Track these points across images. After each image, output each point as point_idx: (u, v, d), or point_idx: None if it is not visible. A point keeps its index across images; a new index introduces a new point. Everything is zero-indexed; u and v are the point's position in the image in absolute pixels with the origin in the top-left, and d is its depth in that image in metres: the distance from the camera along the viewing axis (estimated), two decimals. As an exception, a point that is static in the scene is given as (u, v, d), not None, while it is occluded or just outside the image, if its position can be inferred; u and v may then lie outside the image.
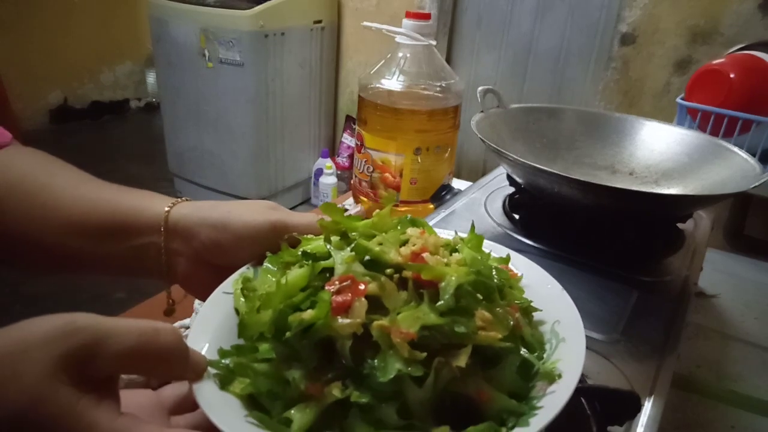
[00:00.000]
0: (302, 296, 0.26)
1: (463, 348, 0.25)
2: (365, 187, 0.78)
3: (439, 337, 0.25)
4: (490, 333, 0.25)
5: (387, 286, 0.26)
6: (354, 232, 0.30)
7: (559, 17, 1.84)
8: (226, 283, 0.31)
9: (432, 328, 0.24)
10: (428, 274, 0.26)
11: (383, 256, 0.27)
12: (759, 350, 0.61)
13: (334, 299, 0.25)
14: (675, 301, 0.50)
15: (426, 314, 0.25)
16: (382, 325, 0.24)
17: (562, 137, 0.71)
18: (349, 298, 0.25)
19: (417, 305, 0.25)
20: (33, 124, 2.90)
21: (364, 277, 0.26)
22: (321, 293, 0.25)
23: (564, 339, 0.28)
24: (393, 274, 0.27)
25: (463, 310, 0.25)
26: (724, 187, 0.57)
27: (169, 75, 2.11)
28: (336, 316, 0.24)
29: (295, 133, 2.19)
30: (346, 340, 0.24)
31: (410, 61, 0.73)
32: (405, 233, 0.30)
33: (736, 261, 0.80)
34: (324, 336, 0.25)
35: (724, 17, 1.48)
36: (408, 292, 0.26)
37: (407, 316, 0.24)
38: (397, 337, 0.24)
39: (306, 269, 0.28)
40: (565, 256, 0.55)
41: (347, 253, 0.27)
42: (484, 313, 0.26)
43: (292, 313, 0.25)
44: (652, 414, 0.36)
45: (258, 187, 2.12)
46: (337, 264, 0.27)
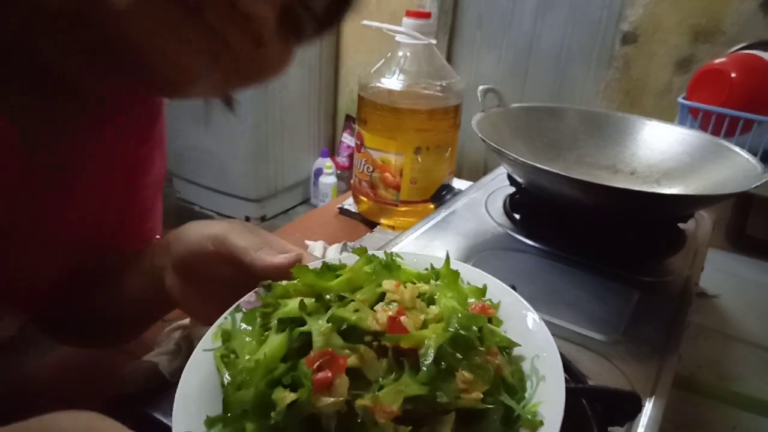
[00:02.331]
0: (283, 369, 0.26)
1: (446, 414, 0.25)
2: (365, 187, 0.78)
3: (422, 405, 0.25)
4: (472, 395, 0.26)
5: (367, 357, 0.26)
6: (328, 294, 0.30)
7: (560, 16, 1.84)
8: (205, 340, 0.30)
9: (415, 398, 0.25)
10: (407, 343, 0.26)
11: (361, 324, 0.27)
12: (760, 350, 0.61)
13: (315, 378, 0.25)
14: (676, 301, 0.50)
15: (408, 385, 0.25)
16: (365, 405, 0.24)
17: (563, 137, 0.71)
18: (330, 376, 0.25)
19: (398, 375, 0.26)
20: (33, 123, 2.89)
21: (343, 350, 0.26)
22: (301, 366, 0.25)
23: (544, 377, 0.28)
24: (372, 341, 0.27)
25: (444, 372, 0.26)
26: (726, 187, 0.57)
27: (170, 74, 2.11)
28: (318, 394, 0.24)
29: (295, 132, 2.19)
30: (330, 418, 0.25)
31: (410, 60, 0.73)
32: (380, 285, 0.30)
33: (737, 261, 0.80)
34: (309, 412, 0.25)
35: (726, 16, 1.47)
36: (388, 360, 0.26)
37: (389, 391, 0.25)
38: (381, 417, 0.24)
39: (283, 337, 0.28)
40: (565, 256, 0.55)
41: (324, 325, 0.27)
42: (464, 374, 0.26)
43: (273, 391, 0.25)
44: (653, 414, 0.36)
45: (258, 187, 2.12)
46: (315, 337, 0.26)
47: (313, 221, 0.82)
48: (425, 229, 0.59)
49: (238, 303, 0.32)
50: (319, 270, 0.32)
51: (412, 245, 0.55)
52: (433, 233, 0.58)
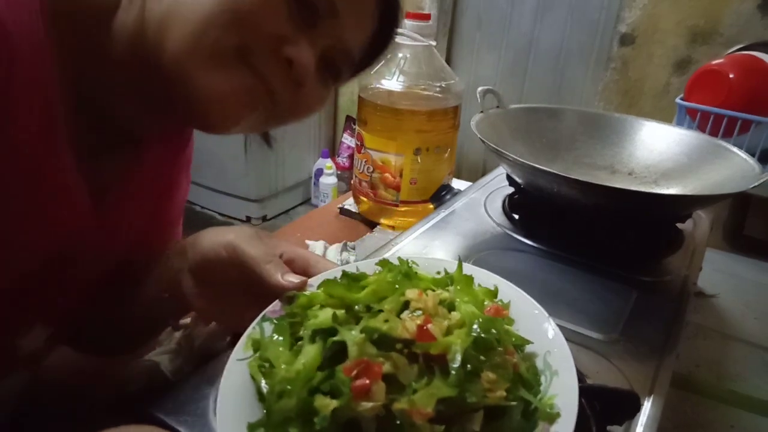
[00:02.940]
0: (320, 377, 0.28)
1: (475, 413, 0.27)
2: (365, 187, 0.78)
3: (453, 406, 0.27)
4: (497, 393, 0.28)
5: (399, 363, 0.28)
6: (357, 305, 0.32)
7: (558, 18, 1.84)
8: (237, 350, 0.32)
9: (446, 400, 0.27)
10: (436, 349, 0.28)
11: (392, 333, 0.29)
12: (758, 350, 0.61)
13: (354, 385, 0.27)
14: (674, 301, 0.50)
15: (439, 388, 0.27)
16: (403, 409, 0.26)
17: (561, 137, 0.71)
18: (368, 382, 0.27)
19: (429, 380, 0.28)
20: (33, 124, 2.89)
21: (377, 358, 0.28)
22: (339, 375, 0.27)
23: (557, 372, 0.30)
24: (402, 348, 0.29)
25: (470, 374, 0.28)
26: (724, 187, 0.57)
27: (170, 75, 2.11)
28: (358, 400, 0.26)
29: (296, 133, 2.19)
30: (370, 421, 0.27)
31: (410, 61, 0.73)
32: (404, 294, 0.32)
33: (735, 261, 0.80)
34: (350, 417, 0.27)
35: (724, 17, 1.48)
36: (419, 365, 0.28)
37: (423, 394, 0.27)
38: (418, 418, 0.26)
39: (318, 347, 0.30)
40: (564, 256, 0.55)
41: (358, 336, 0.29)
42: (489, 375, 0.28)
43: (314, 399, 0.27)
44: (651, 414, 0.36)
45: (259, 187, 2.12)
46: (350, 347, 0.28)
47: (314, 221, 0.82)
48: (425, 229, 0.59)
49: (264, 313, 0.34)
50: (345, 282, 0.34)
51: (412, 245, 0.55)
52: (432, 233, 0.58)
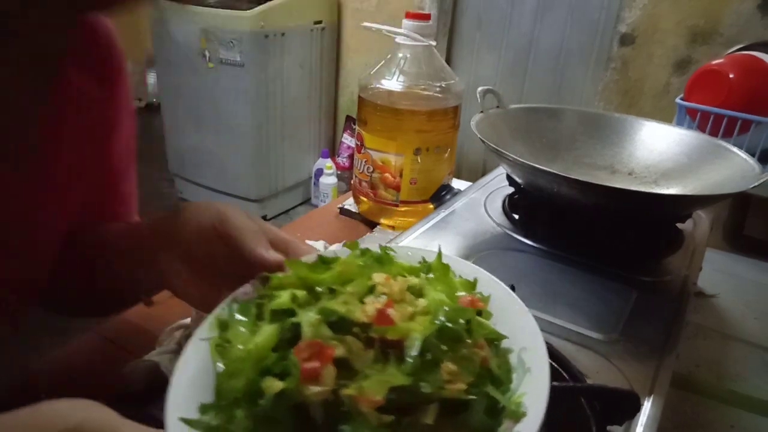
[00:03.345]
0: (273, 358, 0.27)
1: (430, 404, 0.26)
2: (365, 187, 0.78)
3: (407, 396, 0.26)
4: (456, 385, 0.26)
5: (354, 347, 0.27)
6: (319, 286, 0.31)
7: (558, 18, 1.84)
8: (202, 329, 0.31)
9: (399, 389, 0.25)
10: (393, 335, 0.27)
11: (350, 316, 0.28)
12: (759, 350, 0.61)
13: (303, 367, 0.25)
14: (674, 300, 0.50)
15: (393, 375, 0.26)
16: (351, 395, 0.25)
17: (561, 137, 0.71)
18: (317, 365, 0.25)
19: (384, 365, 0.26)
20: (33, 124, 2.90)
21: (331, 340, 0.27)
22: (291, 356, 0.26)
23: (530, 369, 0.29)
24: (360, 333, 0.28)
25: (429, 363, 0.26)
26: (724, 187, 0.57)
27: (170, 75, 2.11)
28: (306, 383, 0.25)
29: (296, 133, 2.19)
30: (318, 407, 0.25)
31: (410, 61, 0.73)
32: (370, 278, 0.31)
33: (735, 261, 0.80)
34: (297, 401, 0.26)
35: (724, 17, 1.48)
36: (375, 351, 0.27)
37: (374, 381, 0.25)
38: (365, 406, 0.25)
39: (274, 328, 0.28)
40: (564, 256, 0.55)
41: (313, 316, 0.28)
42: (450, 366, 0.27)
43: (263, 380, 0.26)
44: (651, 414, 0.36)
45: (258, 187, 2.13)
46: (304, 328, 0.27)
47: (314, 221, 0.82)
48: (425, 229, 0.59)
49: (234, 294, 0.33)
50: (313, 263, 0.33)
51: (412, 245, 0.55)
52: (432, 233, 0.58)
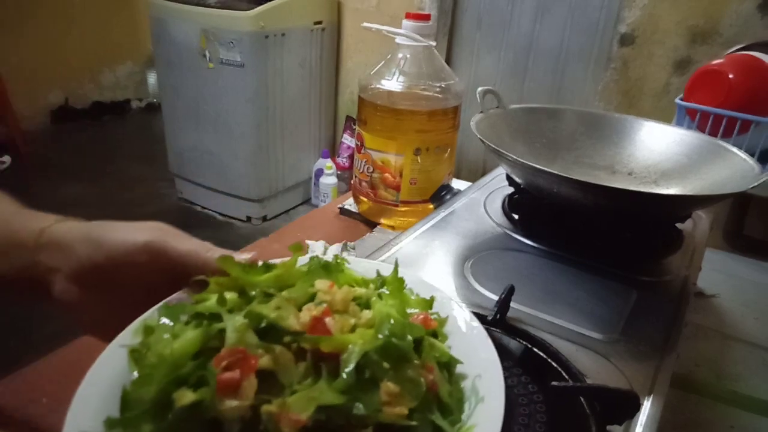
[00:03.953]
0: (190, 367, 0.23)
1: (363, 429, 0.23)
2: (365, 188, 0.78)
3: (337, 417, 0.22)
4: (395, 409, 0.23)
5: (282, 359, 0.24)
6: (254, 290, 0.27)
7: (558, 18, 1.84)
8: (124, 334, 0.27)
9: (329, 408, 0.22)
10: (327, 346, 0.24)
11: (280, 322, 0.24)
12: (758, 350, 0.61)
13: (221, 377, 0.22)
14: (674, 300, 0.50)
15: (323, 393, 0.22)
16: (272, 411, 0.22)
17: (561, 137, 0.71)
18: (238, 376, 0.22)
19: (314, 381, 0.23)
20: (34, 124, 2.90)
21: (257, 349, 0.24)
22: (209, 366, 0.23)
23: (483, 398, 0.25)
24: (291, 342, 0.24)
25: (367, 382, 0.23)
26: (723, 187, 0.57)
27: (170, 75, 2.11)
28: (222, 396, 0.22)
29: (296, 133, 2.19)
30: (233, 424, 0.22)
31: (410, 61, 0.73)
32: (312, 286, 0.27)
33: (735, 261, 0.80)
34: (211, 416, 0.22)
35: (724, 17, 1.48)
36: (306, 364, 0.24)
37: (301, 397, 0.22)
38: (286, 425, 0.21)
39: (198, 333, 0.25)
40: (564, 256, 0.55)
41: (240, 320, 0.24)
42: (390, 386, 0.23)
43: (176, 389, 0.23)
44: (651, 413, 0.36)
45: (258, 187, 2.13)
46: (229, 333, 0.24)
47: (314, 221, 0.82)
48: (425, 229, 0.59)
49: (166, 300, 0.29)
50: (250, 264, 0.29)
51: (411, 245, 0.55)
52: (432, 233, 0.58)
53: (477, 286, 0.49)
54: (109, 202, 2.28)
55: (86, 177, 2.46)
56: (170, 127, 2.23)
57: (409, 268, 0.51)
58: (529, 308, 0.46)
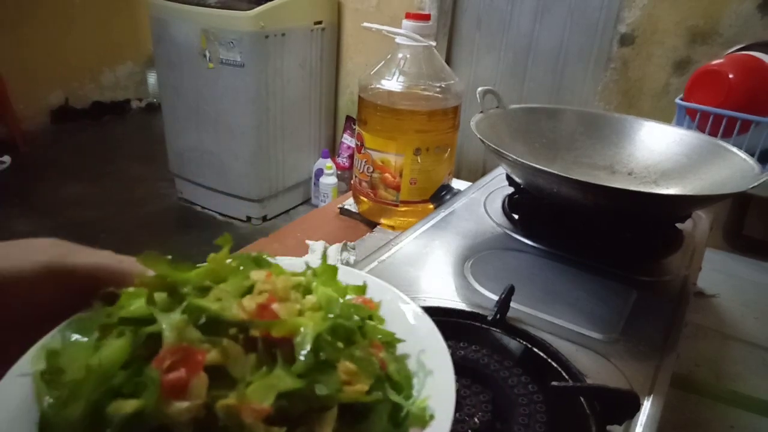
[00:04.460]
0: (123, 376, 0.21)
1: (327, 411, 0.22)
2: (365, 188, 0.78)
3: (299, 402, 0.22)
4: (356, 387, 0.23)
5: (231, 351, 0.22)
6: (186, 287, 0.25)
7: (558, 18, 1.84)
8: (20, 363, 0.23)
9: (290, 394, 0.21)
10: (279, 331, 0.23)
11: (223, 314, 0.23)
12: (758, 350, 0.61)
13: (165, 379, 0.20)
14: (674, 300, 0.50)
15: (281, 379, 0.21)
16: (229, 405, 0.20)
17: (561, 137, 0.71)
18: (184, 375, 0.21)
19: (270, 369, 0.22)
20: (34, 124, 2.90)
21: (201, 344, 0.22)
22: (148, 371, 0.21)
23: (431, 371, 0.25)
24: (238, 334, 0.23)
25: (323, 364, 0.23)
26: (723, 187, 0.57)
27: (170, 75, 2.11)
28: (169, 398, 0.20)
29: (296, 133, 2.19)
30: (185, 427, 0.20)
31: (410, 61, 0.73)
32: (248, 278, 0.26)
33: (735, 261, 0.80)
34: (156, 426, 0.20)
35: (724, 18, 1.48)
36: (258, 354, 0.23)
37: (259, 386, 0.21)
38: (249, 416, 0.20)
39: (125, 340, 0.22)
40: (564, 256, 0.55)
41: (177, 317, 0.22)
42: (348, 365, 0.23)
43: (110, 402, 0.20)
44: (651, 413, 0.36)
45: (258, 187, 2.13)
46: (166, 332, 0.22)
47: (314, 221, 0.82)
48: (425, 229, 0.59)
49: (69, 320, 0.26)
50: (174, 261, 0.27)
51: (411, 245, 0.56)
52: (432, 233, 0.58)
53: (477, 286, 0.49)
54: (109, 202, 2.28)
55: (86, 177, 2.46)
56: (170, 127, 2.23)
57: (409, 268, 0.51)
58: (529, 308, 0.46)
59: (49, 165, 2.60)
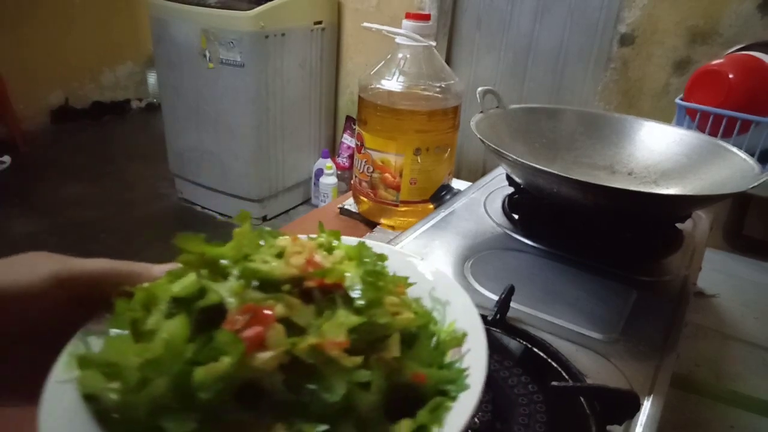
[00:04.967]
0: (193, 348, 0.23)
1: (389, 338, 0.24)
2: (365, 187, 0.78)
3: (365, 335, 0.24)
4: (404, 315, 0.26)
5: (293, 303, 0.24)
6: (223, 260, 0.27)
7: (558, 18, 1.84)
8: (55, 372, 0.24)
9: (356, 329, 0.23)
10: (333, 277, 0.25)
11: (275, 273, 0.25)
12: (758, 350, 0.61)
13: (246, 335, 0.22)
14: (674, 300, 0.50)
15: (347, 317, 0.24)
16: (312, 344, 0.22)
17: (561, 137, 0.71)
18: (261, 329, 0.22)
19: (332, 312, 0.24)
20: (34, 124, 2.90)
21: (266, 301, 0.24)
22: (219, 335, 0.22)
23: (448, 302, 0.29)
24: (292, 290, 0.25)
25: (374, 302, 0.25)
26: (723, 187, 0.57)
27: (170, 75, 2.11)
28: (252, 353, 0.22)
29: (296, 133, 2.19)
30: (275, 375, 0.22)
31: (410, 61, 0.73)
32: (274, 245, 0.28)
33: (735, 261, 0.80)
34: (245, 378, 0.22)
35: (724, 18, 1.48)
36: (315, 304, 0.25)
37: (330, 326, 0.23)
38: (332, 349, 0.22)
39: (181, 318, 0.24)
40: (564, 256, 0.55)
41: (234, 283, 0.24)
42: (392, 299, 0.26)
43: (192, 372, 0.22)
44: (651, 413, 0.36)
45: (258, 187, 2.12)
46: (227, 298, 0.24)
47: (314, 221, 0.82)
48: (425, 229, 0.59)
49: (85, 328, 0.27)
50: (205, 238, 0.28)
51: (412, 245, 0.56)
52: (432, 233, 0.58)
53: (477, 286, 0.49)
54: (109, 202, 2.28)
55: (86, 177, 2.46)
56: (170, 127, 2.23)
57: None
58: (529, 308, 0.46)
59: (49, 165, 2.60)
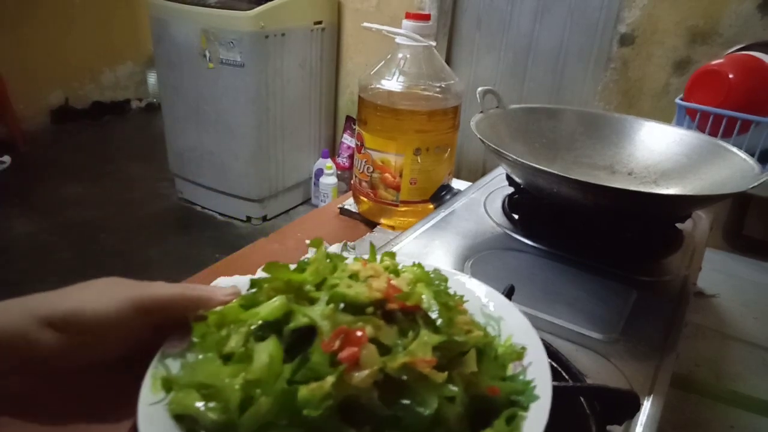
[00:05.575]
0: (290, 369, 0.25)
1: (466, 354, 0.27)
2: (365, 187, 0.78)
3: (446, 352, 0.26)
4: (475, 333, 0.28)
5: (379, 325, 0.26)
6: (306, 285, 0.29)
7: (558, 18, 1.84)
8: (145, 394, 0.26)
9: (438, 347, 0.26)
10: (413, 300, 0.28)
11: (361, 297, 0.27)
12: (758, 350, 0.61)
13: (342, 356, 0.24)
14: (674, 300, 0.50)
15: (430, 336, 0.26)
16: (405, 362, 0.24)
17: (561, 137, 0.71)
18: (356, 350, 0.24)
19: (415, 333, 0.26)
20: (34, 124, 2.90)
21: (356, 324, 0.26)
22: (315, 357, 0.24)
23: (501, 318, 0.31)
24: (375, 312, 0.27)
25: (450, 321, 0.27)
26: (723, 187, 0.57)
27: (170, 75, 2.11)
28: (350, 372, 0.24)
29: (296, 133, 2.19)
30: (371, 392, 0.24)
31: (410, 61, 0.73)
32: (345, 269, 0.30)
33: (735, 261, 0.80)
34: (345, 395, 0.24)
35: (724, 18, 1.48)
36: (398, 324, 0.27)
37: (417, 345, 0.25)
38: (424, 367, 0.25)
39: (273, 341, 0.26)
40: (564, 256, 0.55)
41: (324, 307, 0.26)
42: (463, 318, 0.28)
43: (292, 393, 0.24)
44: (651, 413, 0.37)
45: (258, 187, 2.12)
46: (320, 322, 0.26)
47: (314, 221, 0.82)
48: (425, 229, 0.59)
49: (161, 351, 0.29)
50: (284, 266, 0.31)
51: (412, 245, 0.56)
52: (432, 233, 0.58)
53: (477, 286, 0.49)
54: (109, 202, 2.28)
55: (86, 177, 2.46)
56: (170, 127, 2.23)
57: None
58: (529, 308, 0.46)
59: (49, 165, 2.60)
